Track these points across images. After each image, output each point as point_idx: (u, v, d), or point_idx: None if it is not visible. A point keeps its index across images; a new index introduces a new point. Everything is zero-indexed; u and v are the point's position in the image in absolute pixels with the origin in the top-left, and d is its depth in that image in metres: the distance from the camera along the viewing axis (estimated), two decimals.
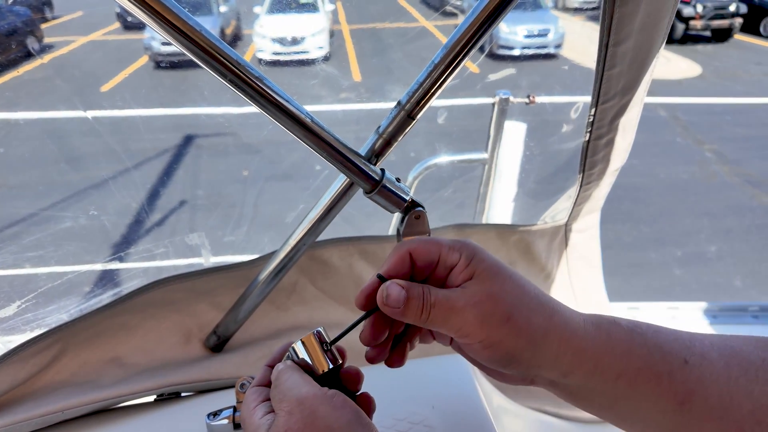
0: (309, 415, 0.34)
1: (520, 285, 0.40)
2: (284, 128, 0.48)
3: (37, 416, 0.57)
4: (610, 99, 0.68)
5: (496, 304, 0.38)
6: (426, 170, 0.98)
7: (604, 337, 0.39)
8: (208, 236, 0.81)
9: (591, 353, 0.38)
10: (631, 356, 0.38)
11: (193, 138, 2.15)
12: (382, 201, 0.54)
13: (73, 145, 0.99)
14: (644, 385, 0.38)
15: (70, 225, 0.80)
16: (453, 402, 0.56)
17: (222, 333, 0.71)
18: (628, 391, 0.38)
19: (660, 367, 0.38)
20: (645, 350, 0.38)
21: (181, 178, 2.01)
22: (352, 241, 0.80)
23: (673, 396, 0.37)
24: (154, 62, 4.74)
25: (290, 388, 0.37)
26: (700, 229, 3.67)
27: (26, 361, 0.60)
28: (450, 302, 0.39)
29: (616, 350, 0.38)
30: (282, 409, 0.36)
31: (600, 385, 0.39)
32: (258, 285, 0.65)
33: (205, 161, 2.11)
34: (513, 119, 0.98)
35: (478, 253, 0.40)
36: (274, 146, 2.15)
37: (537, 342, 0.38)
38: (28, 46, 3.36)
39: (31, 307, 0.63)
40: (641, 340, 0.39)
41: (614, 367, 0.38)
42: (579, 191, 0.83)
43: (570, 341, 0.38)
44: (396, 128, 0.53)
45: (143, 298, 0.67)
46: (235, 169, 2.35)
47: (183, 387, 0.65)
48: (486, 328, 0.38)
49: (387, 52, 4.94)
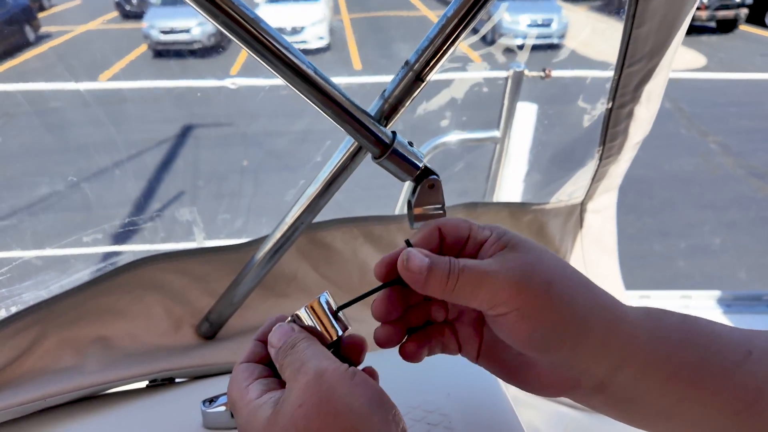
0: (327, 391, 0.30)
1: (559, 259, 0.35)
2: (282, 78, 0.43)
3: (16, 404, 0.52)
4: (637, 62, 0.63)
5: (534, 270, 0.33)
6: (435, 149, 0.94)
7: (654, 323, 0.34)
8: (201, 213, 0.77)
9: (643, 341, 0.33)
10: (688, 346, 0.33)
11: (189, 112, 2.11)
12: (392, 167, 0.49)
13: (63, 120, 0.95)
14: (709, 380, 0.33)
15: (47, 192, 0.75)
16: (470, 390, 0.52)
17: (215, 319, 0.67)
18: (688, 389, 0.33)
19: (724, 357, 0.33)
20: (704, 339, 0.34)
21: (177, 160, 1.97)
22: (357, 222, 0.75)
23: (743, 393, 0.32)
24: (153, 51, 4.69)
25: (309, 358, 0.32)
26: (704, 221, 3.64)
27: (3, 344, 0.55)
28: (480, 268, 0.34)
29: (672, 338, 0.34)
30: (298, 380, 0.31)
31: (655, 384, 0.33)
32: (253, 267, 0.61)
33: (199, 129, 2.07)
34: (525, 100, 0.94)
35: (510, 231, 0.37)
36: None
37: (580, 320, 0.33)
38: (26, 35, 3.30)
39: (5, 282, 0.59)
40: (697, 330, 0.34)
41: (672, 360, 0.33)
42: (598, 166, 0.78)
43: (618, 326, 0.33)
44: (403, 92, 0.48)
45: (130, 277, 0.63)
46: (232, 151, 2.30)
47: (176, 373, 0.61)
48: (523, 295, 0.33)
49: (389, 42, 4.89)
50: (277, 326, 0.36)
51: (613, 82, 0.66)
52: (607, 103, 0.69)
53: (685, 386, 0.33)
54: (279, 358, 0.35)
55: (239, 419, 0.33)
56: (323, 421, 0.29)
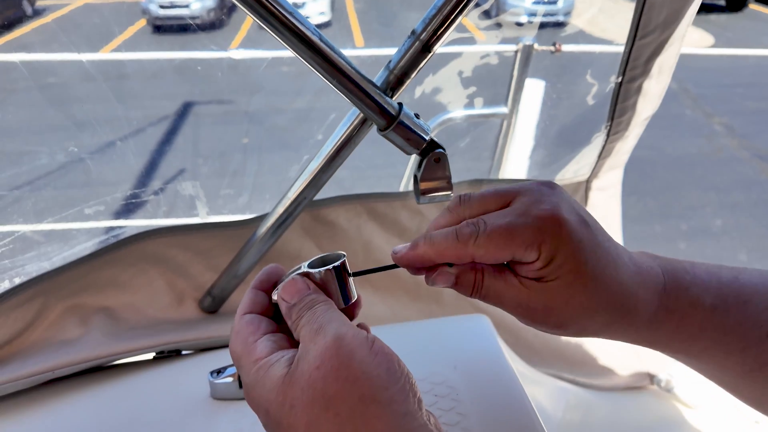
0: (346, 356, 0.29)
1: (593, 292, 0.34)
2: (287, 46, 0.42)
3: (25, 376, 0.53)
4: (650, 33, 0.62)
5: (548, 315, 0.35)
6: (441, 126, 0.92)
7: (673, 324, 0.37)
8: (204, 186, 0.76)
9: (653, 338, 0.37)
10: (698, 339, 0.37)
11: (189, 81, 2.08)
12: (398, 140, 0.48)
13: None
14: (708, 359, 0.37)
15: (46, 162, 0.75)
16: (476, 363, 0.52)
17: (217, 294, 0.67)
18: (689, 361, 0.38)
19: (733, 346, 0.36)
20: (719, 332, 0.36)
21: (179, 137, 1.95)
22: (360, 199, 0.74)
23: (741, 366, 0.36)
24: (152, 26, 4.60)
25: (329, 321, 0.32)
26: (706, 203, 3.64)
27: (7, 315, 0.55)
28: (499, 300, 0.36)
29: (682, 335, 0.37)
30: (317, 342, 0.30)
31: (660, 350, 0.38)
32: (255, 242, 0.60)
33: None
34: (534, 76, 0.92)
35: (561, 251, 0.34)
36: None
37: (589, 332, 0.36)
38: (23, 9, 3.23)
39: (8, 253, 0.58)
40: (719, 321, 0.36)
41: (676, 347, 0.37)
42: (605, 142, 0.77)
43: (632, 332, 0.37)
44: (409, 62, 0.47)
45: (133, 250, 0.62)
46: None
47: (183, 345, 0.61)
48: (530, 322, 0.36)
49: (392, 17, 4.79)
50: (291, 279, 0.35)
51: (624, 54, 0.65)
52: (617, 77, 0.68)
53: (686, 360, 0.37)
54: (292, 315, 0.34)
55: (245, 377, 0.33)
56: (342, 385, 0.29)
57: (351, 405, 0.28)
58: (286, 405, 0.30)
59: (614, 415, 0.92)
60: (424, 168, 0.49)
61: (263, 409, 0.31)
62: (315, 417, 0.29)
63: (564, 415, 0.87)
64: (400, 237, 0.77)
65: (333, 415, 0.28)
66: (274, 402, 0.30)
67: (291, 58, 0.44)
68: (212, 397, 0.51)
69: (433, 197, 0.50)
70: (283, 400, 0.30)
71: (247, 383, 0.33)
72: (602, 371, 0.94)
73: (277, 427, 0.30)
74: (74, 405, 0.52)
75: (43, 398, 0.53)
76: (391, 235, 0.77)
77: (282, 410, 0.30)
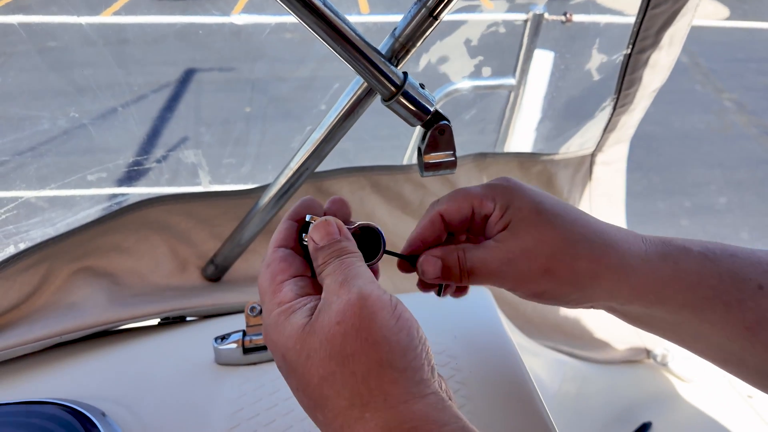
0: (369, 317, 0.29)
1: (563, 229, 0.37)
2: (290, 11, 0.41)
3: (32, 340, 0.54)
4: (662, 2, 0.60)
5: (531, 259, 0.37)
6: (446, 97, 0.90)
7: (669, 269, 0.37)
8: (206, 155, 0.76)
9: (652, 287, 0.37)
10: (699, 287, 0.36)
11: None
12: (402, 111, 0.47)
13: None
14: (711, 314, 0.36)
15: (47, 127, 0.74)
16: (476, 333, 0.53)
17: (220, 262, 0.67)
18: (693, 319, 0.37)
19: (730, 296, 0.36)
20: (716, 279, 0.36)
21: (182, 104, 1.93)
22: (364, 171, 0.74)
23: (741, 323, 0.36)
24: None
25: (356, 276, 0.31)
26: (711, 180, 3.61)
27: (14, 280, 0.56)
28: (485, 265, 0.38)
29: (683, 282, 0.36)
30: (340, 296, 0.30)
31: (663, 314, 0.37)
32: (258, 212, 0.60)
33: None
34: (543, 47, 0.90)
35: (515, 200, 0.38)
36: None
37: (584, 285, 0.37)
38: None
39: (12, 219, 0.59)
40: (712, 268, 0.36)
41: (679, 299, 0.36)
42: (612, 114, 0.76)
43: (626, 279, 0.37)
44: (415, 29, 0.46)
45: (136, 217, 0.63)
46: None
47: (187, 312, 0.62)
48: (523, 283, 0.37)
49: None
50: (324, 221, 0.35)
51: (635, 25, 0.63)
52: (627, 48, 0.66)
53: (689, 316, 0.36)
54: (319, 258, 0.34)
55: (266, 313, 0.33)
56: (361, 346, 0.29)
57: (368, 366, 0.29)
58: (303, 354, 0.30)
59: (610, 387, 0.94)
60: (428, 140, 0.49)
61: (280, 352, 0.31)
62: (330, 372, 0.29)
63: (561, 387, 0.89)
64: (402, 210, 0.77)
65: (349, 373, 0.29)
66: (292, 349, 0.30)
67: (294, 24, 0.43)
68: (216, 362, 0.52)
69: (437, 170, 0.50)
70: (300, 348, 0.30)
71: (267, 323, 0.33)
72: (600, 345, 0.95)
73: (292, 372, 0.31)
74: (82, 368, 0.53)
75: (52, 361, 0.55)
76: (393, 208, 0.77)
77: (299, 358, 0.30)
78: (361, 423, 0.28)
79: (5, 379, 0.52)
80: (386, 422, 0.28)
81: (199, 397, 0.47)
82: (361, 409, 0.28)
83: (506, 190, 0.39)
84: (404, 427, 0.27)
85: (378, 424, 0.28)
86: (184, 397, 0.48)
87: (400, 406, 0.28)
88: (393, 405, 0.28)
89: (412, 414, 0.28)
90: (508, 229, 0.38)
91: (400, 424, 0.28)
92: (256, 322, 0.52)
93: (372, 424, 0.28)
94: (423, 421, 0.28)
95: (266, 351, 0.52)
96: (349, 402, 0.28)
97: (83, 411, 0.43)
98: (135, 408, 0.46)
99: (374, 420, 0.28)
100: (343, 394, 0.28)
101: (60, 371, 0.53)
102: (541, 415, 0.45)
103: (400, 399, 0.28)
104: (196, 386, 0.49)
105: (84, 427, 0.41)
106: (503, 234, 0.38)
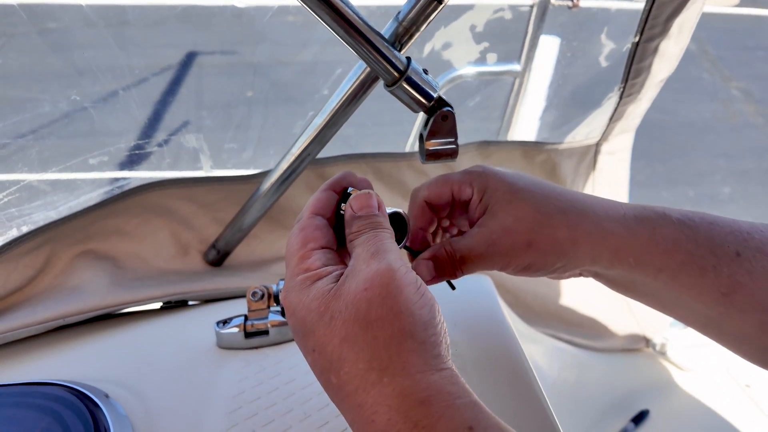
0: (396, 288, 0.30)
1: (538, 204, 0.40)
2: None
3: (36, 322, 0.54)
4: None
5: (513, 236, 0.39)
6: (450, 83, 0.89)
7: (647, 233, 0.39)
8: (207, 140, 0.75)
9: (630, 250, 0.39)
10: (675, 251, 0.38)
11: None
12: (405, 97, 0.47)
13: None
14: (687, 279, 0.38)
15: (49, 110, 0.74)
16: (477, 320, 0.53)
17: (222, 247, 0.67)
18: (671, 283, 0.39)
19: (705, 261, 0.37)
20: (692, 245, 0.38)
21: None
22: (366, 158, 0.74)
23: (717, 288, 0.37)
24: None
25: (387, 250, 0.32)
26: (716, 170, 3.59)
27: (17, 262, 0.56)
28: (472, 251, 0.40)
29: (659, 246, 0.38)
30: (370, 264, 0.31)
31: (642, 278, 0.39)
32: (260, 197, 0.60)
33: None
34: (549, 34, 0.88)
35: (491, 183, 0.41)
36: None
37: (566, 252, 0.39)
38: None
39: (15, 202, 0.59)
40: (689, 234, 0.38)
41: (656, 263, 0.38)
42: (618, 104, 0.75)
43: (605, 242, 0.39)
44: (419, 13, 0.45)
45: (138, 201, 0.63)
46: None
47: (189, 296, 0.62)
48: (510, 259, 0.39)
49: None
50: (366, 193, 0.36)
51: (644, 12, 0.62)
52: (634, 36, 0.65)
53: (667, 280, 0.38)
54: (353, 226, 0.34)
55: (290, 276, 0.33)
56: (386, 313, 0.29)
57: (391, 333, 0.29)
58: (326, 316, 0.30)
59: (609, 375, 0.94)
60: (431, 126, 0.48)
61: (301, 314, 0.32)
62: (353, 334, 0.29)
63: (560, 374, 0.90)
64: (404, 197, 0.77)
65: (371, 337, 0.29)
66: (315, 311, 0.31)
67: (297, 7, 0.42)
68: (218, 346, 0.52)
69: (438, 157, 0.49)
70: (324, 310, 0.30)
71: (290, 285, 0.33)
72: (599, 333, 0.96)
73: (310, 334, 0.31)
74: (85, 351, 0.54)
75: (55, 343, 0.55)
76: (395, 195, 0.76)
77: (321, 320, 0.30)
78: (378, 387, 0.29)
79: (10, 360, 0.52)
80: (403, 388, 0.28)
81: (201, 380, 0.48)
82: (379, 373, 0.29)
83: (482, 175, 0.41)
84: (420, 395, 0.28)
85: (395, 389, 0.28)
86: (186, 379, 0.48)
87: (418, 375, 0.29)
88: (411, 373, 0.29)
89: (427, 384, 0.29)
90: (488, 212, 0.40)
91: (416, 392, 0.28)
92: (257, 306, 0.52)
93: (389, 389, 0.28)
94: (437, 392, 0.28)
95: (267, 335, 0.52)
96: (368, 365, 0.29)
97: (87, 392, 0.43)
98: (138, 390, 0.47)
99: (392, 385, 0.28)
100: (363, 356, 0.29)
101: (63, 353, 0.53)
102: (540, 402, 0.45)
103: (419, 369, 0.29)
104: (198, 369, 0.49)
105: (88, 408, 0.41)
106: (484, 218, 0.40)
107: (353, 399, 0.29)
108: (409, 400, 0.28)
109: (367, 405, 0.29)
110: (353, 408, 0.29)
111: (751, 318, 0.37)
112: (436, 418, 0.27)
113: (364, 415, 0.29)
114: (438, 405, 0.28)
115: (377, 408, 0.28)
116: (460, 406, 0.28)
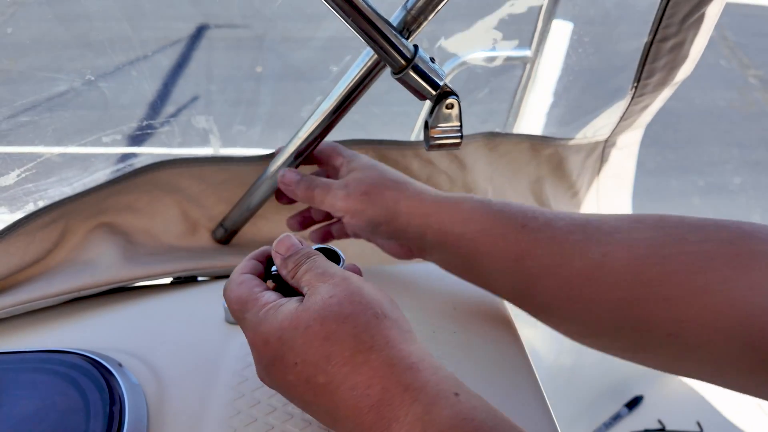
0: (356, 288, 0.34)
1: (382, 172, 0.53)
2: None
3: (52, 294, 0.56)
4: None
5: (358, 183, 0.52)
6: (455, 69, 0.89)
7: (451, 204, 0.49)
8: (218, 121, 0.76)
9: (435, 218, 0.49)
10: (471, 222, 0.47)
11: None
12: (411, 84, 0.48)
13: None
14: (483, 246, 0.46)
15: (60, 83, 0.75)
16: (474, 305, 0.55)
17: (229, 226, 0.69)
18: (473, 252, 0.47)
19: (496, 230, 0.46)
20: (486, 217, 0.47)
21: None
22: (372, 144, 0.74)
23: (508, 254, 0.45)
24: None
25: (332, 266, 0.36)
26: (728, 160, 3.54)
27: (33, 235, 0.58)
28: (327, 185, 0.54)
29: (460, 215, 0.48)
30: (325, 281, 0.35)
31: (454, 249, 0.49)
32: (266, 179, 0.62)
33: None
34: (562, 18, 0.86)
35: (356, 158, 0.56)
36: None
37: (390, 209, 0.50)
38: None
39: (32, 177, 0.60)
40: (485, 209, 0.47)
41: (456, 229, 0.48)
42: (629, 104, 0.73)
43: (420, 206, 0.50)
44: (427, 2, 0.45)
45: (149, 179, 0.64)
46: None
47: (199, 272, 0.64)
48: (349, 200, 0.52)
49: None
50: (285, 235, 0.39)
51: (659, 10, 0.59)
52: (648, 35, 0.63)
53: (467, 248, 0.47)
54: (290, 264, 0.37)
55: (251, 318, 0.35)
56: (356, 308, 0.32)
57: (366, 319, 0.32)
58: (301, 326, 0.32)
59: (604, 360, 0.96)
60: (436, 114, 0.49)
61: (274, 339, 0.33)
62: (332, 330, 0.32)
63: (556, 359, 0.92)
64: None
65: (351, 327, 0.32)
66: (288, 327, 0.32)
67: None
68: (226, 321, 0.54)
69: (442, 145, 0.50)
70: (298, 323, 0.32)
71: (254, 323, 0.34)
72: None
73: (289, 351, 0.32)
74: (99, 322, 0.56)
75: (71, 314, 0.57)
76: None
77: (297, 331, 0.32)
78: (366, 365, 0.31)
79: (28, 329, 0.55)
80: (390, 358, 0.31)
81: (209, 352, 0.50)
82: (365, 354, 0.31)
83: (352, 155, 0.57)
84: (407, 361, 0.31)
85: (385, 360, 0.31)
86: (195, 352, 0.50)
87: (401, 345, 0.32)
88: (395, 344, 0.32)
89: (410, 352, 0.32)
90: (351, 171, 0.54)
91: (402, 358, 0.31)
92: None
93: (378, 362, 0.31)
94: (420, 359, 0.32)
95: None
96: (354, 349, 0.31)
97: (102, 361, 0.46)
98: (149, 360, 0.49)
99: (379, 359, 0.31)
100: (348, 345, 0.31)
101: (79, 324, 0.56)
102: (534, 386, 0.47)
103: (400, 341, 0.32)
104: (206, 342, 0.52)
105: (103, 376, 0.44)
106: (348, 173, 0.54)
107: (346, 384, 0.30)
108: (399, 367, 0.31)
109: (360, 384, 0.30)
110: (346, 394, 0.30)
111: (543, 283, 0.43)
112: (424, 382, 0.30)
113: (359, 394, 0.30)
114: (425, 371, 0.31)
115: (371, 382, 0.30)
116: (443, 374, 0.31)
